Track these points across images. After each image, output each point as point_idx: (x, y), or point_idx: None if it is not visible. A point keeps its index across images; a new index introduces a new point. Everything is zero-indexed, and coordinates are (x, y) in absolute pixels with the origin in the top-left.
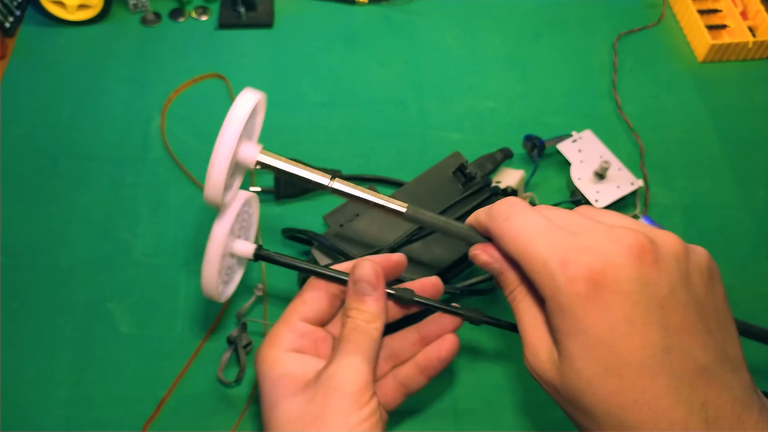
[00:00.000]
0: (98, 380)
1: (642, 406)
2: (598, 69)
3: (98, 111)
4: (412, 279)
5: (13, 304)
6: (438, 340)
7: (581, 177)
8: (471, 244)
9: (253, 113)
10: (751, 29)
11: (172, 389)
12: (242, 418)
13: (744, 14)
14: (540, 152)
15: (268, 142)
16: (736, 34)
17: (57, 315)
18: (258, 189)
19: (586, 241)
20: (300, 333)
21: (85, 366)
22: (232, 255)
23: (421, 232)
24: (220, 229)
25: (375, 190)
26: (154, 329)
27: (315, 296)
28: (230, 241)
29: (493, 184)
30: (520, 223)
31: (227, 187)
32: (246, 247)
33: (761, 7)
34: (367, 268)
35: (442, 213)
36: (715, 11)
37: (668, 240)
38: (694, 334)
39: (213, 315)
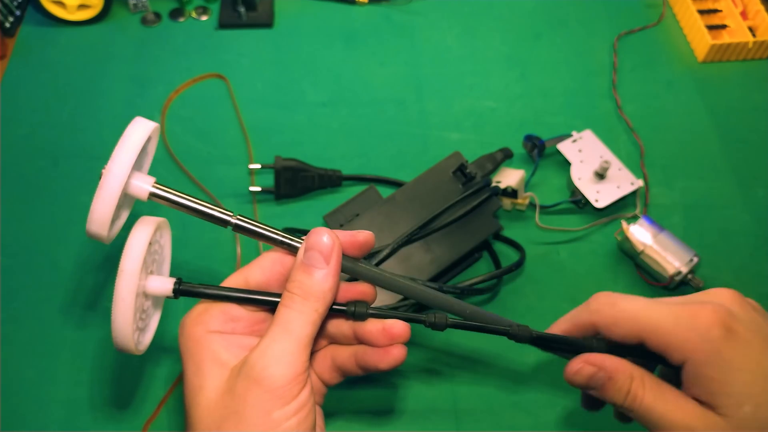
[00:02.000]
0: (98, 380)
1: None
2: (598, 69)
3: (98, 111)
4: (413, 280)
5: (13, 304)
6: (384, 350)
7: (581, 177)
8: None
9: (146, 144)
10: (751, 29)
11: (172, 389)
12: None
13: (744, 14)
14: (540, 152)
15: (268, 142)
16: (736, 34)
17: (57, 315)
18: (258, 189)
19: (694, 301)
20: (233, 316)
21: (85, 366)
22: (146, 295)
23: (422, 231)
24: (131, 263)
25: (375, 190)
26: None
27: (261, 277)
28: (142, 279)
29: (493, 184)
30: (627, 303)
31: (113, 221)
32: (162, 284)
33: (761, 7)
34: (323, 235)
35: (441, 213)
36: (715, 11)
37: (738, 294)
38: None
39: None
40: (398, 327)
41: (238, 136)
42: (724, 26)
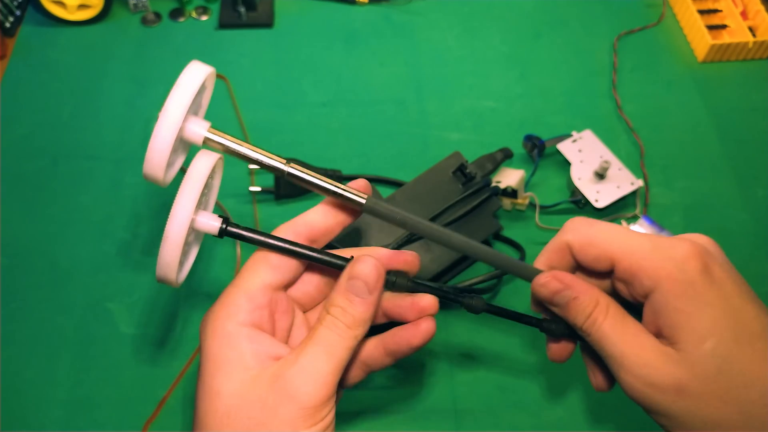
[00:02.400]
0: (98, 380)
1: None
2: (598, 69)
3: (98, 111)
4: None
5: (13, 304)
6: (412, 323)
7: (581, 177)
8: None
9: (202, 88)
10: (751, 29)
11: (172, 389)
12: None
13: (744, 14)
14: (540, 152)
15: (268, 142)
16: (736, 34)
17: (57, 315)
18: (258, 189)
19: (672, 236)
20: (259, 303)
21: (85, 366)
22: (192, 230)
23: None
24: (188, 198)
25: (375, 190)
26: (154, 329)
27: (324, 224)
28: (194, 213)
29: (493, 184)
30: (605, 226)
31: (169, 164)
32: (210, 221)
33: (761, 7)
34: (370, 266)
35: (441, 213)
36: (715, 11)
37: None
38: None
39: None
40: (426, 300)
41: (238, 136)
42: (724, 26)
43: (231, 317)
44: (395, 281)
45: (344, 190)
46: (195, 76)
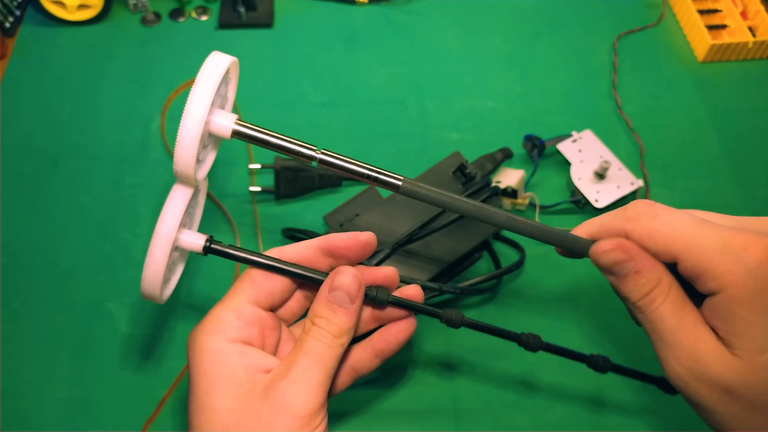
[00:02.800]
0: (98, 380)
1: None
2: (598, 69)
3: (98, 111)
4: (411, 280)
5: (13, 304)
6: (395, 321)
7: (581, 177)
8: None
9: (226, 79)
10: (751, 29)
11: (172, 389)
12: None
13: (744, 14)
14: (540, 152)
15: None
16: (736, 34)
17: (57, 315)
18: (258, 189)
19: (748, 228)
20: (247, 319)
21: (85, 366)
22: (177, 248)
23: (422, 231)
24: (171, 216)
25: (375, 190)
26: (154, 329)
27: (268, 276)
28: (177, 232)
29: (493, 184)
30: (671, 217)
31: (199, 161)
32: (194, 239)
33: (761, 7)
34: (350, 277)
35: (442, 213)
36: (715, 11)
37: None
38: None
39: None
40: (387, 270)
41: None
42: (724, 26)
43: (219, 333)
44: (375, 296)
45: (378, 173)
46: (216, 67)
